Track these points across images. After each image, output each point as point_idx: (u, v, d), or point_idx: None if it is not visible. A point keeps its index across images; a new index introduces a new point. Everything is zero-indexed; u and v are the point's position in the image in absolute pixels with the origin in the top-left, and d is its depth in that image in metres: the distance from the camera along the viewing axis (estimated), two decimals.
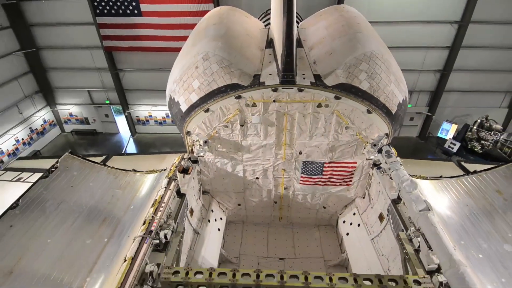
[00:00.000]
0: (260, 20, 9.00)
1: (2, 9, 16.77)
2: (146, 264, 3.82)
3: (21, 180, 9.04)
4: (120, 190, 5.65)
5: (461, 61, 16.58)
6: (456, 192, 5.53)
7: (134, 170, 6.36)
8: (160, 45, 16.75)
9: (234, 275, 3.69)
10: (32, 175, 9.32)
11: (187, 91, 5.44)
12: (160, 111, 20.16)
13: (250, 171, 6.36)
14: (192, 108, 5.48)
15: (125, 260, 3.86)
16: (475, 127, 15.94)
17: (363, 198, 6.53)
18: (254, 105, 5.32)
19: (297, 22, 8.21)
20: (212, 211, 6.84)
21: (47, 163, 7.51)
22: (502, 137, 15.42)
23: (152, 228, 4.29)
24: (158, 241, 4.21)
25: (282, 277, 3.61)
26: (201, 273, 3.74)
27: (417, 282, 3.66)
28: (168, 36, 16.40)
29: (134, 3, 15.67)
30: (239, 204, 7.14)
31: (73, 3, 16.59)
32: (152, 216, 4.46)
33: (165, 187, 5.25)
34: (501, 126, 15.46)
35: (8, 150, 17.16)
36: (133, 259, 3.83)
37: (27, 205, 4.70)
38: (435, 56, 16.77)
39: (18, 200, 4.73)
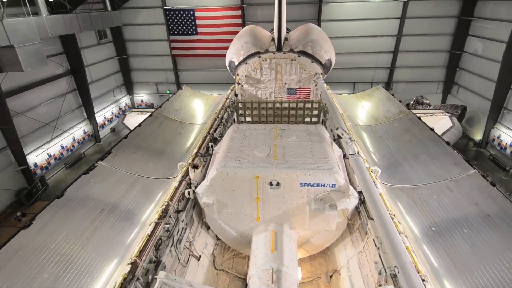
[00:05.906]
0: (269, 31, 16.03)
1: (109, 30, 24.68)
2: (230, 101, 10.63)
3: (141, 113, 16.45)
4: (208, 101, 12.57)
5: (401, 61, 22.92)
6: (348, 98, 12.07)
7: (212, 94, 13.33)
8: (207, 52, 24.08)
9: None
10: (146, 114, 16.43)
11: (238, 56, 12.25)
12: None
13: (263, 94, 13.01)
14: (240, 63, 12.27)
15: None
16: (412, 103, 22.09)
17: None
18: (265, 60, 12.07)
19: (287, 32, 15.26)
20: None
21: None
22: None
23: (227, 103, 11.13)
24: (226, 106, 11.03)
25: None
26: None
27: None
28: (213, 47, 23.76)
29: (193, 27, 23.25)
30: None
31: (156, 27, 24.11)
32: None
33: (230, 91, 12.07)
34: (429, 101, 21.51)
35: (107, 118, 24.64)
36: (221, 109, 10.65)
37: (174, 97, 11.60)
38: (384, 57, 23.11)
39: (166, 100, 11.62)
